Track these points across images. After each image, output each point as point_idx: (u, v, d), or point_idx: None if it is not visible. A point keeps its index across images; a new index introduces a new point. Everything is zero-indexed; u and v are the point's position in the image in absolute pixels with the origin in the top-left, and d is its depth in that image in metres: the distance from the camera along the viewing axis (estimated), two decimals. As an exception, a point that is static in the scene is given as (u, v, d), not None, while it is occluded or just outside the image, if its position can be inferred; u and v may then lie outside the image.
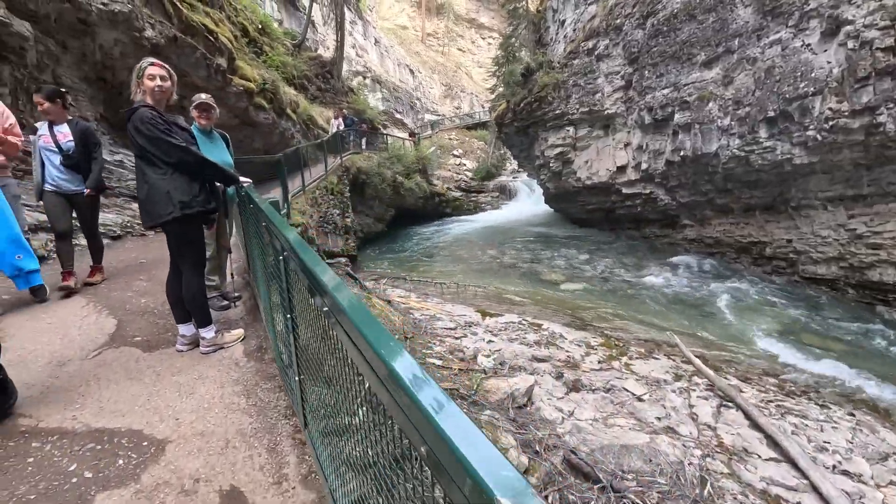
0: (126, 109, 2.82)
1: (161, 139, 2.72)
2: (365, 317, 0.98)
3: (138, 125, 2.70)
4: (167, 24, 8.54)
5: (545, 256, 15.77)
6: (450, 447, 0.59)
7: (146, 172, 2.78)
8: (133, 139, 2.75)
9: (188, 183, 2.86)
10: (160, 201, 2.78)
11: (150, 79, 2.83)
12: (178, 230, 2.89)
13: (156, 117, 2.77)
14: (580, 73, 16.54)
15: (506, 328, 8.05)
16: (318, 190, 12.65)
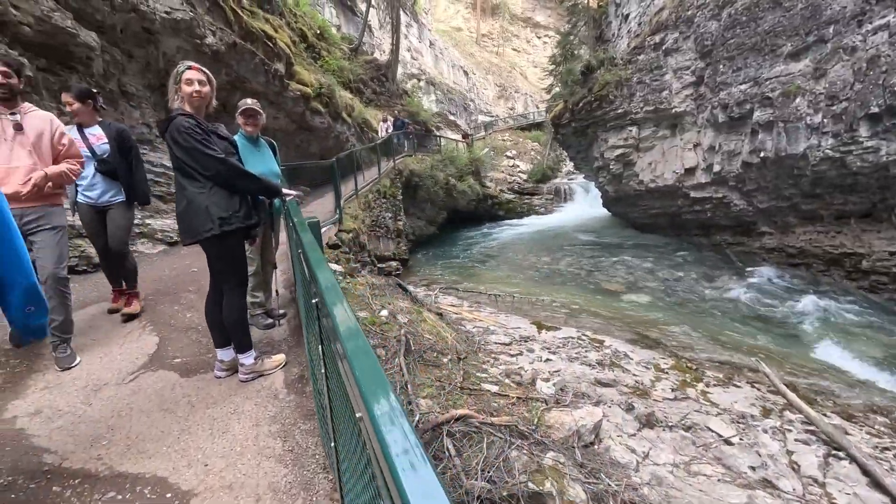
0: (162, 120, 2.62)
1: (198, 150, 2.51)
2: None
3: (175, 135, 2.50)
4: (227, 31, 8.64)
5: (604, 264, 14.93)
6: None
7: (184, 186, 2.58)
8: (170, 150, 2.55)
9: (228, 197, 2.64)
10: (198, 217, 2.57)
11: (188, 83, 2.62)
12: (217, 248, 2.67)
13: (193, 126, 2.55)
14: (645, 69, 15.55)
15: (564, 344, 7.50)
16: (370, 193, 12.57)
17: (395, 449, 0.61)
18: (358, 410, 0.83)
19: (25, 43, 4.92)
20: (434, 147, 23.04)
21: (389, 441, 0.63)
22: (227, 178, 2.59)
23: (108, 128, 3.81)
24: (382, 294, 5.60)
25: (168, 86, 2.63)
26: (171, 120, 2.53)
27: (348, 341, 0.93)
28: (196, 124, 2.58)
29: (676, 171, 15.59)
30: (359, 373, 0.81)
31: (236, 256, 2.76)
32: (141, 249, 6.03)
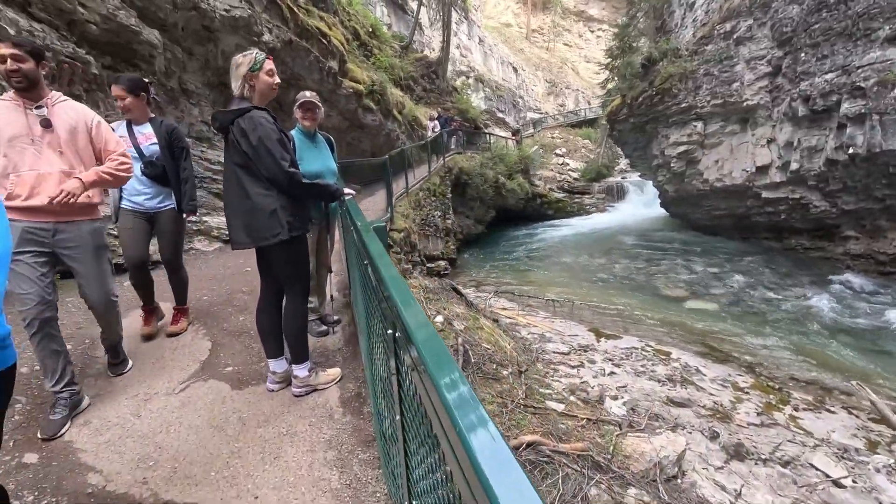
0: (225, 110, 2.37)
1: (272, 155, 2.30)
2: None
3: (249, 131, 2.27)
4: (283, 28, 8.64)
5: (663, 267, 14.06)
6: None
7: (247, 186, 2.36)
8: (236, 144, 2.32)
9: (295, 200, 2.45)
10: (265, 220, 2.36)
11: (269, 74, 2.41)
12: (287, 252, 2.46)
13: (273, 127, 2.34)
14: (714, 60, 14.51)
15: (628, 355, 6.98)
16: (420, 191, 12.37)
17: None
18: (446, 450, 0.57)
19: (92, 41, 4.99)
20: (483, 145, 22.65)
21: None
22: (287, 190, 2.38)
23: (158, 126, 3.30)
24: (437, 298, 5.32)
25: (236, 72, 2.38)
26: (242, 112, 2.31)
27: (450, 392, 0.63)
28: (274, 123, 2.37)
29: (746, 169, 14.48)
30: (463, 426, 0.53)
31: (303, 260, 2.56)
32: (197, 247, 6.04)
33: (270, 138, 2.30)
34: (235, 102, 2.39)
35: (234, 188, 2.41)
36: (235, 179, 2.39)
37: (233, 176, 2.41)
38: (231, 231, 2.45)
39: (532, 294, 11.63)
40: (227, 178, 2.44)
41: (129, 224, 3.24)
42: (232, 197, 2.43)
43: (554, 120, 44.02)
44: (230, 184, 2.43)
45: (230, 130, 2.34)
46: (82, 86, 4.83)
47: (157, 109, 3.89)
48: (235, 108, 2.33)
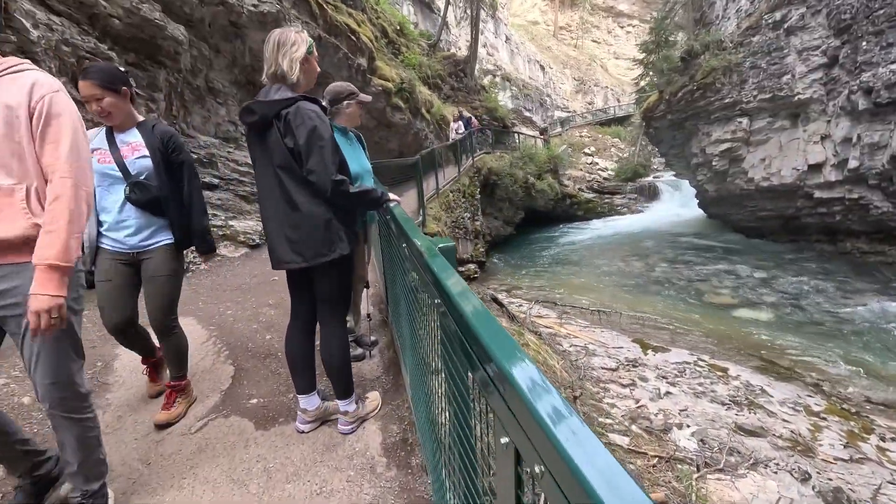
0: (267, 100, 1.96)
1: (322, 159, 1.91)
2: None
3: (298, 125, 1.89)
4: (312, 25, 8.34)
5: (706, 272, 13.28)
6: None
7: (293, 194, 1.95)
8: (281, 142, 1.93)
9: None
10: (320, 233, 1.98)
11: (316, 60, 2.09)
12: (338, 272, 2.09)
13: (327, 123, 1.97)
14: (761, 52, 13.64)
15: (681, 371, 6.40)
16: (451, 192, 11.96)
17: None
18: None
19: (115, 36, 4.74)
20: (511, 144, 22.10)
21: None
22: (331, 198, 1.97)
23: (149, 133, 2.30)
24: (477, 310, 4.85)
25: (290, 53, 1.96)
26: (290, 102, 1.91)
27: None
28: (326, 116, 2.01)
29: (797, 167, 13.56)
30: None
31: (349, 280, 2.19)
32: (223, 253, 5.75)
33: (323, 137, 1.91)
34: (275, 91, 1.98)
35: (276, 196, 1.99)
36: (278, 186, 1.98)
37: (273, 181, 1.99)
38: (274, 247, 2.05)
39: (569, 301, 11.07)
40: (266, 186, 2.03)
41: (107, 273, 2.29)
42: (274, 207, 2.01)
43: (582, 118, 43.09)
44: (270, 192, 2.02)
45: (273, 125, 1.94)
46: (104, 83, 4.57)
47: (167, 114, 3.50)
48: (281, 98, 1.93)
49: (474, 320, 0.85)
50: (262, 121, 1.96)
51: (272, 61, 1.99)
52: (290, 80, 2.00)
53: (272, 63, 1.99)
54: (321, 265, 2.01)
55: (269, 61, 2.00)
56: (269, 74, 2.02)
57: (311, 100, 1.99)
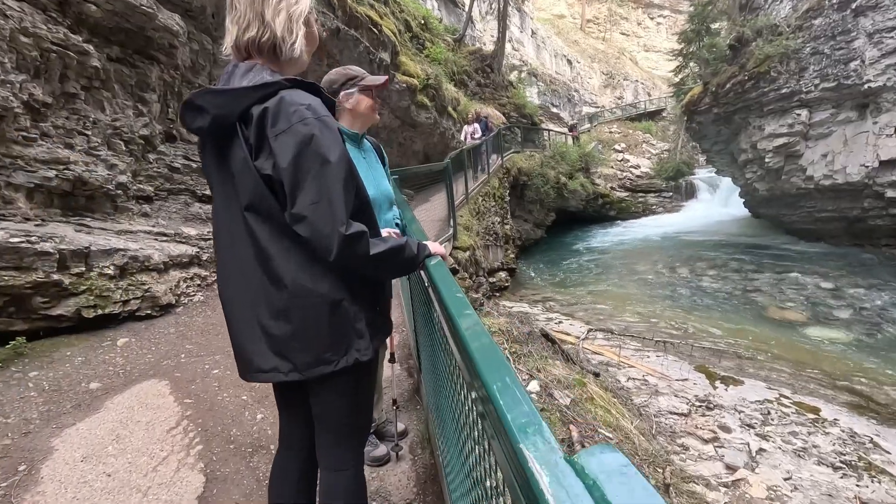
0: (226, 88, 1.11)
1: (326, 198, 1.06)
2: None
3: (282, 128, 1.06)
4: (330, 16, 7.56)
5: (762, 281, 12.01)
6: None
7: (274, 255, 1.12)
8: (251, 158, 1.09)
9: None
10: (322, 327, 1.13)
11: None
12: (351, 387, 1.24)
13: (335, 129, 1.13)
14: (824, 36, 12.29)
15: (765, 414, 5.35)
16: (479, 196, 11.06)
17: None
18: None
19: (92, 26, 4.00)
20: (541, 142, 21.04)
21: None
22: (337, 262, 1.08)
23: None
24: (525, 350, 3.97)
25: (281, 5, 1.14)
26: (270, 91, 1.08)
27: None
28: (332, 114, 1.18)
29: (866, 163, 12.18)
30: None
31: (369, 396, 1.34)
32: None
33: (325, 154, 1.06)
34: (245, 71, 1.13)
35: (244, 258, 1.15)
36: (248, 240, 1.13)
37: (240, 232, 1.14)
38: (242, 344, 1.19)
39: (620, 320, 10.03)
40: (227, 239, 1.19)
41: None
42: (242, 277, 1.17)
43: (611, 113, 41.51)
44: (234, 250, 1.17)
45: (238, 133, 1.10)
46: (79, 82, 3.83)
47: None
48: (252, 85, 1.08)
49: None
50: (216, 126, 1.10)
51: (250, 17, 1.12)
52: (287, 55, 1.16)
53: (249, 21, 1.13)
54: (324, 377, 1.15)
55: (242, 17, 1.13)
56: (239, 42, 1.15)
57: (304, 86, 1.14)
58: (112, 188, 4.02)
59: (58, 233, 3.26)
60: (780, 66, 13.12)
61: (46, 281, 3.04)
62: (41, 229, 3.19)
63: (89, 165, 3.80)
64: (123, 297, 3.50)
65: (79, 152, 3.78)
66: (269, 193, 1.08)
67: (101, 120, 4.01)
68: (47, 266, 3.04)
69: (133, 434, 2.24)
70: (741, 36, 14.37)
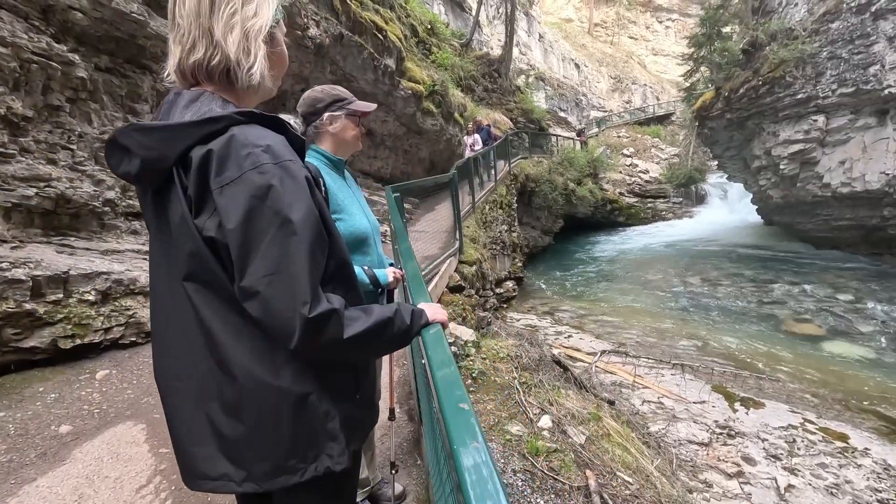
0: (159, 124, 0.85)
1: (287, 257, 0.81)
2: None
3: (229, 176, 0.80)
4: (333, 21, 7.35)
5: (778, 293, 11.65)
6: None
7: (222, 338, 0.85)
8: (190, 215, 0.84)
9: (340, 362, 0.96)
10: (283, 429, 0.87)
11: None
12: (323, 497, 0.98)
13: (302, 175, 0.87)
14: (842, 40, 11.94)
15: (790, 441, 5.04)
16: (486, 204, 10.80)
17: None
18: None
19: (79, 34, 3.79)
20: (549, 147, 20.75)
21: None
22: (300, 349, 0.81)
23: None
24: (535, 381, 3.70)
25: (233, 15, 0.88)
26: (216, 129, 0.83)
27: None
28: (300, 157, 0.92)
29: (887, 171, 11.81)
30: None
31: (350, 499, 1.09)
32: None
33: (283, 211, 0.81)
34: (188, 101, 0.89)
35: (186, 336, 0.90)
36: (192, 316, 0.88)
37: (181, 306, 0.89)
38: (185, 444, 0.93)
39: (620, 326, 9.73)
40: (165, 311, 0.94)
41: None
42: (184, 358, 0.91)
43: (619, 118, 41.19)
44: (173, 324, 0.92)
45: (175, 181, 0.85)
46: (64, 94, 3.62)
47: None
48: (195, 121, 0.83)
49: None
50: (146, 172, 0.85)
51: (195, 35, 0.88)
52: (243, 82, 0.91)
53: (195, 40, 0.88)
54: (288, 489, 0.90)
55: (186, 35, 0.89)
56: (183, 66, 0.92)
57: (264, 121, 0.89)
58: (98, 205, 3.80)
59: (34, 256, 3.04)
60: (796, 71, 12.77)
61: (18, 311, 2.83)
62: (16, 253, 2.98)
63: (74, 182, 3.59)
64: (105, 325, 3.27)
65: (62, 168, 3.57)
66: (214, 260, 0.84)
67: (87, 133, 3.81)
68: (19, 295, 2.83)
69: (98, 493, 1.99)
70: (755, 40, 14.04)
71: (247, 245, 0.79)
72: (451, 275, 5.31)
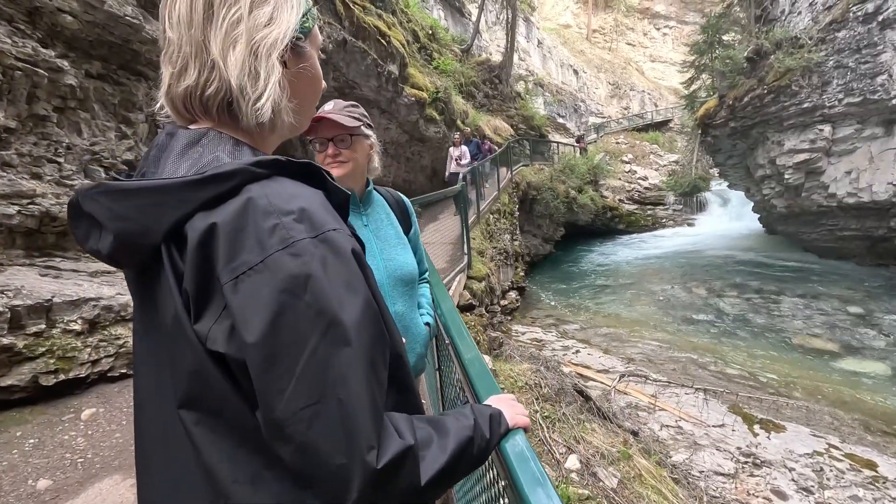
0: (156, 182, 0.57)
1: (339, 383, 0.54)
2: None
3: (244, 261, 0.53)
4: (336, 27, 7.11)
5: (785, 305, 11.45)
6: None
7: (226, 479, 0.56)
8: (187, 315, 0.56)
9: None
10: None
11: (317, 52, 0.76)
12: None
13: (345, 238, 0.60)
14: (849, 49, 11.83)
15: (817, 470, 4.80)
16: (491, 214, 10.58)
17: None
18: None
19: (69, 39, 3.52)
20: (550, 154, 20.59)
21: None
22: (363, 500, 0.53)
23: None
24: (559, 415, 3.43)
25: (236, 27, 0.61)
26: (227, 185, 0.56)
27: None
28: (347, 225, 0.64)
29: (894, 182, 11.69)
30: None
31: None
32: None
33: (339, 312, 0.55)
34: (187, 141, 0.63)
35: (180, 482, 0.61)
36: (188, 450, 0.58)
37: (176, 436, 0.59)
38: None
39: (628, 339, 9.50)
40: (155, 435, 0.64)
41: None
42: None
43: (618, 124, 41.21)
44: (164, 458, 0.63)
45: (163, 262, 0.57)
46: (51, 103, 3.35)
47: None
48: (194, 179, 0.56)
49: None
50: (122, 252, 0.59)
51: (187, 53, 0.63)
52: (249, 117, 0.64)
53: (187, 59, 0.63)
54: None
55: (177, 53, 0.64)
56: (173, 95, 0.66)
57: (293, 171, 0.62)
58: (88, 222, 3.53)
59: (14, 283, 2.77)
60: (802, 80, 12.64)
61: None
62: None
63: (60, 197, 3.32)
64: (92, 357, 2.99)
65: (48, 182, 3.29)
66: (225, 379, 0.56)
67: (76, 144, 3.53)
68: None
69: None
70: (760, 48, 13.91)
71: (276, 364, 0.52)
72: (460, 293, 5.06)
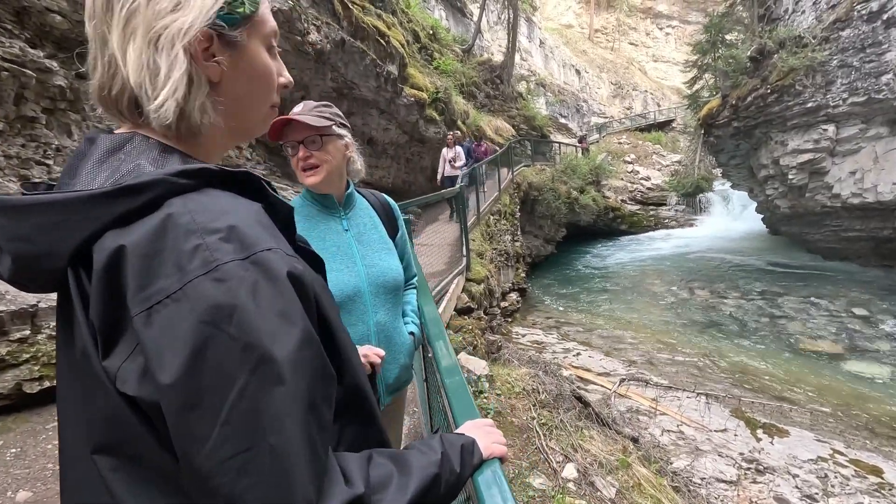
0: (63, 194, 0.49)
1: (276, 432, 0.46)
2: None
3: (157, 289, 0.45)
4: (334, 27, 7.05)
5: (789, 306, 11.34)
6: None
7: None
8: (95, 350, 0.48)
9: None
10: None
11: (271, 40, 0.63)
12: None
13: (284, 258, 0.51)
14: (853, 48, 11.72)
15: (821, 477, 4.72)
16: (491, 215, 10.50)
17: None
18: None
19: (57, 39, 3.47)
20: (551, 154, 20.50)
21: None
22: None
23: None
24: (556, 422, 3.36)
25: (136, 16, 0.52)
26: (145, 195, 0.48)
27: None
28: (291, 244, 0.57)
29: (900, 182, 11.55)
30: None
31: None
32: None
33: (270, 347, 0.46)
34: (105, 153, 0.54)
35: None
36: (105, 498, 0.50)
37: (96, 490, 0.50)
38: None
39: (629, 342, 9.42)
40: (74, 486, 0.54)
41: None
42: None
43: (620, 124, 41.08)
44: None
45: (73, 286, 0.50)
46: (40, 104, 3.30)
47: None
48: (105, 191, 0.48)
49: None
50: (24, 274, 0.50)
51: (94, 50, 0.56)
52: (157, 119, 0.54)
53: (95, 56, 0.56)
54: None
55: (90, 48, 0.56)
56: (100, 93, 0.57)
57: (227, 182, 0.55)
58: (78, 225, 3.49)
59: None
60: (806, 80, 12.53)
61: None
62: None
63: (49, 200, 3.28)
64: (79, 362, 2.95)
65: (37, 185, 3.25)
66: (142, 424, 0.48)
67: (66, 146, 3.48)
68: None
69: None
70: (763, 48, 13.81)
71: (197, 407, 0.44)
72: (458, 296, 4.99)
